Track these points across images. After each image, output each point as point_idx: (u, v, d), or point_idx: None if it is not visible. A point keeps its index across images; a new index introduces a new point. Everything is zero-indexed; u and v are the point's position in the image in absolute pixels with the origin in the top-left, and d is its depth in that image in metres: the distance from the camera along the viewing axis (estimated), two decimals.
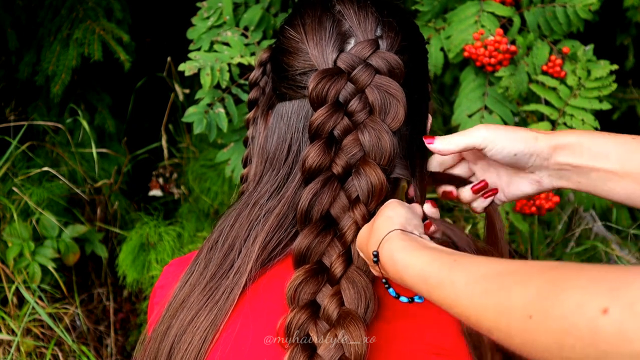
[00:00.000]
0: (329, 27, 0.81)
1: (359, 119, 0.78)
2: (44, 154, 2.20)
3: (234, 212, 0.85)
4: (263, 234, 0.81)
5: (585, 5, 1.39)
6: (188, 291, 0.83)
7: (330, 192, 0.78)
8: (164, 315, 0.84)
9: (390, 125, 0.78)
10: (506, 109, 1.44)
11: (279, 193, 0.83)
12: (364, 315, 0.73)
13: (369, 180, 0.77)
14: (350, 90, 0.79)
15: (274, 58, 0.88)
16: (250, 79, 0.95)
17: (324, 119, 0.78)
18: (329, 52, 0.80)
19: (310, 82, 0.78)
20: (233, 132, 1.51)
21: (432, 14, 1.49)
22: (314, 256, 0.77)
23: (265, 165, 0.85)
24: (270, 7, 1.50)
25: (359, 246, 0.76)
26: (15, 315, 1.96)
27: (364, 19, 0.81)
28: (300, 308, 0.74)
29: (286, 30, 0.85)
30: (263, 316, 0.79)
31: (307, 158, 0.78)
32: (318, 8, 0.83)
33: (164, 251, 1.96)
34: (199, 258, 0.86)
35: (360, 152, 0.78)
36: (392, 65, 0.79)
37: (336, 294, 0.74)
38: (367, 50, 0.79)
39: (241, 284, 0.80)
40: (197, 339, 0.79)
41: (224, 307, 0.79)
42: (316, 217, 0.78)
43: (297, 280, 0.75)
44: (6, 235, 1.97)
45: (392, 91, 0.78)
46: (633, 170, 0.78)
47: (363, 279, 0.75)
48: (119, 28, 1.91)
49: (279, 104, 0.85)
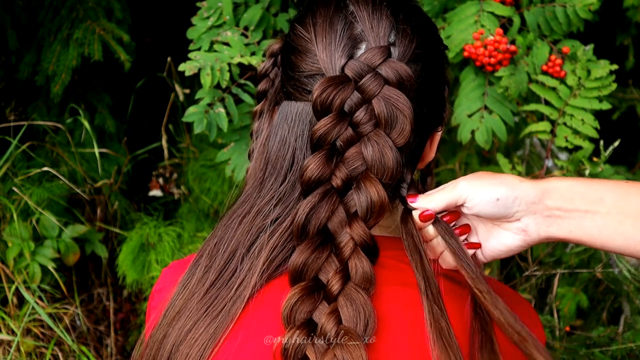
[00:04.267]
0: (340, 29, 0.78)
1: (364, 131, 0.75)
2: (44, 154, 2.20)
3: (236, 217, 0.83)
4: (269, 247, 0.78)
5: (585, 5, 1.39)
6: (186, 297, 0.81)
7: (329, 206, 0.75)
8: (161, 321, 0.82)
9: (395, 140, 0.75)
10: (506, 109, 1.44)
11: (284, 203, 0.80)
12: (363, 333, 0.71)
13: (369, 196, 0.74)
14: (356, 99, 0.76)
15: (284, 53, 0.85)
16: (260, 70, 0.92)
17: (327, 129, 0.75)
18: (338, 58, 0.77)
19: (315, 90, 0.75)
20: (233, 132, 1.51)
21: (432, 13, 1.49)
22: (310, 272, 0.74)
23: (267, 167, 0.83)
24: (270, 7, 1.50)
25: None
26: (15, 315, 1.96)
27: (377, 22, 0.78)
28: (297, 327, 0.72)
29: (297, 28, 0.82)
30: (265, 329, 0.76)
31: (306, 169, 0.76)
32: (331, 7, 0.80)
33: (164, 251, 1.96)
34: (199, 262, 0.83)
35: (363, 166, 0.75)
36: (402, 76, 0.75)
37: (333, 312, 0.72)
38: (377, 58, 0.76)
39: (244, 298, 0.77)
40: (195, 352, 0.76)
41: (225, 321, 0.76)
42: (313, 231, 0.75)
43: (292, 299, 0.73)
44: (6, 235, 1.97)
45: (399, 105, 0.75)
46: (631, 214, 0.72)
47: (362, 295, 0.72)
48: (119, 28, 1.91)
49: (285, 102, 0.83)
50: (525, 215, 0.76)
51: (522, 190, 0.75)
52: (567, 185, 0.75)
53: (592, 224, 0.73)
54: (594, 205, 0.73)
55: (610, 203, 0.72)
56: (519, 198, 0.75)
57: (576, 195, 0.74)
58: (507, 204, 0.75)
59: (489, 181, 0.76)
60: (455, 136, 1.49)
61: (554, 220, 0.75)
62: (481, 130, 1.43)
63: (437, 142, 0.87)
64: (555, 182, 0.75)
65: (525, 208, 0.75)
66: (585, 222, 0.73)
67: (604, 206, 0.73)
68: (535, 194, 0.75)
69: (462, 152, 2.04)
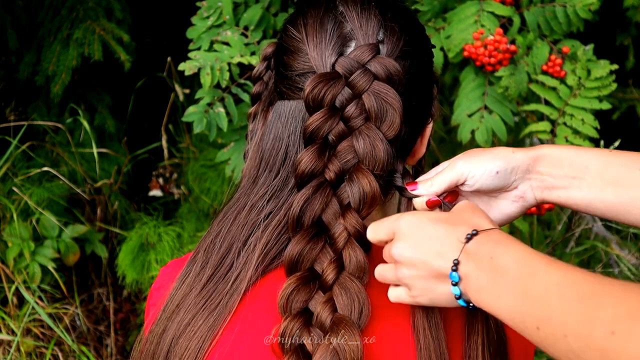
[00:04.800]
0: (330, 28, 0.80)
1: (355, 124, 0.78)
2: (44, 154, 2.21)
3: (231, 213, 0.85)
4: (264, 240, 0.80)
5: (585, 5, 1.39)
6: (185, 292, 0.83)
7: (322, 198, 0.77)
8: (160, 316, 0.84)
9: (386, 133, 0.77)
10: (506, 109, 1.44)
11: (278, 197, 0.82)
12: (357, 320, 0.73)
13: (362, 188, 0.76)
14: (347, 95, 0.78)
15: (277, 55, 0.87)
16: (254, 73, 0.95)
17: (319, 124, 0.77)
18: (328, 55, 0.79)
19: (306, 86, 0.77)
20: (233, 132, 1.51)
21: (431, 13, 1.49)
22: (306, 263, 0.77)
23: (260, 164, 0.85)
24: (270, 7, 1.50)
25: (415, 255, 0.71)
26: (15, 315, 1.96)
27: (366, 21, 0.80)
28: (293, 316, 0.74)
29: (288, 29, 0.85)
30: (261, 320, 0.78)
31: (300, 163, 0.78)
32: (321, 8, 0.83)
33: (164, 251, 1.96)
34: (196, 258, 0.85)
35: (354, 159, 0.78)
36: (390, 71, 0.78)
37: (329, 301, 0.74)
38: (366, 55, 0.78)
39: (240, 290, 0.79)
40: (194, 344, 0.78)
41: (223, 313, 0.78)
42: (307, 223, 0.77)
43: (288, 288, 0.75)
44: (6, 235, 1.97)
45: (389, 99, 0.77)
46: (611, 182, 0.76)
47: (356, 284, 0.75)
48: (119, 28, 1.91)
49: (279, 102, 0.85)
50: (521, 183, 0.80)
51: (517, 159, 0.79)
52: (556, 153, 0.79)
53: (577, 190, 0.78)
54: (580, 172, 0.78)
55: (594, 171, 0.77)
56: (515, 168, 0.79)
57: (564, 162, 0.78)
58: (505, 175, 0.79)
59: (485, 157, 0.80)
60: (455, 136, 1.49)
61: (547, 184, 0.80)
62: (481, 130, 1.43)
63: (428, 137, 0.89)
64: (546, 149, 0.80)
65: (521, 176, 0.80)
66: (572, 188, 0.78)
67: (589, 173, 0.77)
68: (528, 163, 0.79)
69: (462, 152, 2.03)
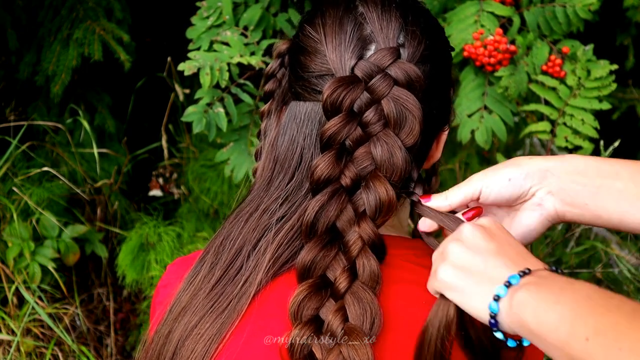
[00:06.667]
0: (350, 30, 0.78)
1: (373, 130, 0.76)
2: (44, 154, 2.21)
3: (243, 215, 0.83)
4: (275, 244, 0.79)
5: (585, 5, 1.39)
6: (192, 293, 0.81)
7: (337, 205, 0.76)
8: (167, 317, 0.83)
9: (405, 141, 0.75)
10: (506, 109, 1.44)
11: (291, 201, 0.81)
12: (369, 331, 0.71)
13: (378, 195, 0.74)
14: (365, 100, 0.76)
15: (292, 53, 0.85)
16: (267, 70, 0.93)
17: (337, 129, 0.76)
18: (348, 58, 0.77)
19: (325, 90, 0.76)
20: (232, 132, 1.51)
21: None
22: (318, 270, 0.75)
23: (275, 166, 0.83)
24: (270, 7, 1.50)
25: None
26: (15, 315, 1.96)
27: (387, 24, 0.78)
28: (303, 324, 0.72)
29: (306, 28, 0.82)
30: (272, 325, 0.77)
31: (316, 169, 0.76)
32: (340, 8, 0.81)
33: (164, 251, 1.96)
34: (205, 258, 0.83)
35: (372, 166, 0.76)
36: (411, 77, 0.76)
37: (340, 310, 0.73)
38: (387, 59, 0.76)
39: (250, 294, 0.77)
40: (200, 347, 0.77)
41: (231, 317, 0.77)
42: (321, 229, 0.76)
43: (300, 295, 0.73)
44: (6, 235, 1.97)
45: (409, 106, 0.75)
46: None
47: (368, 294, 0.73)
48: (119, 28, 1.91)
49: (293, 102, 0.83)
50: (540, 189, 0.75)
51: (532, 165, 0.75)
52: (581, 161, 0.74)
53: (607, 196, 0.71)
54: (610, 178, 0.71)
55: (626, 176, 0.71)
56: (530, 173, 0.75)
57: (590, 169, 0.73)
58: (519, 182, 0.75)
59: (499, 167, 0.76)
60: (455, 136, 1.49)
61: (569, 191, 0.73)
62: (481, 130, 1.43)
63: (444, 142, 0.88)
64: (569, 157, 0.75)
65: (538, 182, 0.75)
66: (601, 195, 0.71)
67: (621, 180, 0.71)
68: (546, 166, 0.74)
69: (462, 152, 2.04)
